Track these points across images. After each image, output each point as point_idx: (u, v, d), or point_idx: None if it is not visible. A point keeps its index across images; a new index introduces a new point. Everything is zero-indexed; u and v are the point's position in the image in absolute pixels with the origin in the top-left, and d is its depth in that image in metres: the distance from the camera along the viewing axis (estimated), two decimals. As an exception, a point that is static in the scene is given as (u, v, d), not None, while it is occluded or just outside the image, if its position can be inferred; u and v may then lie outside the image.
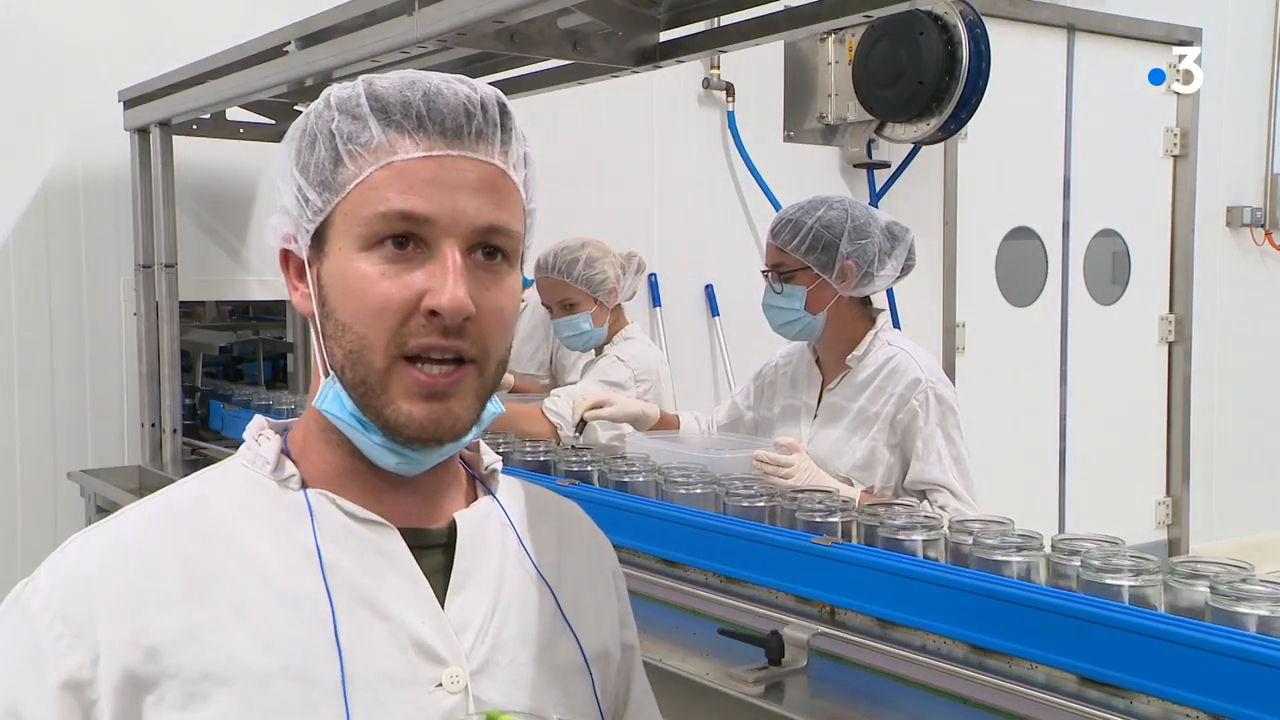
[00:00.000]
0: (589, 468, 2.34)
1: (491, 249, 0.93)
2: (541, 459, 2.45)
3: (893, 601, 1.63)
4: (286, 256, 0.99)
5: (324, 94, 0.96)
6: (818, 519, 1.85)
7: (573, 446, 2.67)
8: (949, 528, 1.73)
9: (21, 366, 3.61)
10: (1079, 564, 1.50)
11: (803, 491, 1.98)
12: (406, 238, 0.90)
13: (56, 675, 0.86)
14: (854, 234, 2.40)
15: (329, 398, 0.94)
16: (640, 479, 2.21)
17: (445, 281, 0.89)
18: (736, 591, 1.88)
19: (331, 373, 0.94)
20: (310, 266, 0.95)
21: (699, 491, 2.08)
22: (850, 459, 2.42)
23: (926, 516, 1.77)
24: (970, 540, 1.65)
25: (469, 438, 0.96)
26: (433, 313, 0.89)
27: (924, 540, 1.71)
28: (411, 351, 0.90)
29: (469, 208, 0.91)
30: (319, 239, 0.94)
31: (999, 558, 1.59)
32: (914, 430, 2.36)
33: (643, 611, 1.17)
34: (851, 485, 2.36)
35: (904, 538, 1.72)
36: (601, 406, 2.76)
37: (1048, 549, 1.59)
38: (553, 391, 3.15)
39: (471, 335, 0.91)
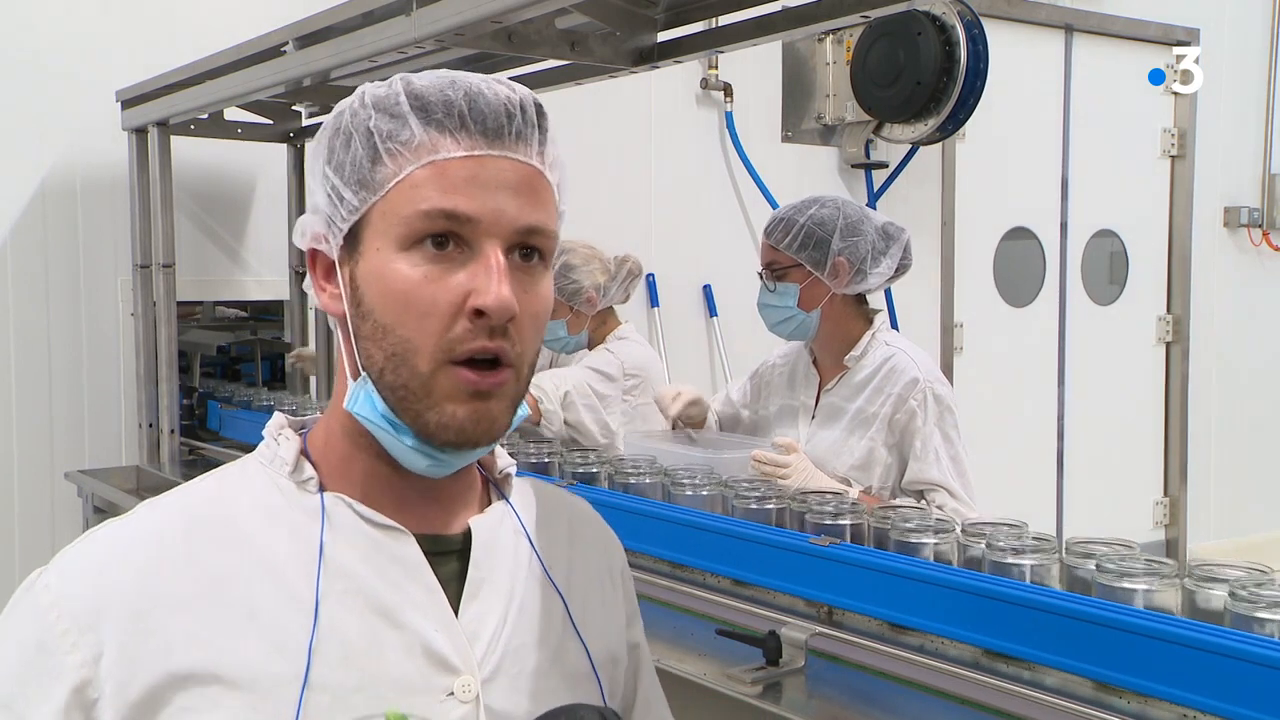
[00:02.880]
0: (594, 469, 2.34)
1: (529, 249, 0.92)
2: (545, 460, 2.46)
3: (890, 602, 1.63)
4: (314, 257, 0.97)
5: (358, 91, 0.95)
6: (827, 522, 1.85)
7: (577, 448, 2.67)
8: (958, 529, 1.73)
9: (19, 367, 3.61)
10: (1093, 567, 1.49)
11: (811, 493, 1.97)
12: (447, 237, 0.89)
13: (58, 672, 0.86)
14: (846, 231, 2.41)
15: (359, 399, 0.93)
16: (646, 480, 2.21)
17: (490, 281, 0.88)
18: (734, 592, 1.88)
19: (363, 374, 0.93)
20: (342, 267, 0.94)
21: (706, 493, 2.08)
22: (848, 459, 2.42)
23: (939, 520, 1.77)
24: (982, 544, 1.65)
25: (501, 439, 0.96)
26: (478, 313, 0.88)
27: (934, 543, 1.71)
28: (460, 357, 0.89)
29: (509, 208, 0.90)
30: (352, 239, 0.93)
31: (1008, 560, 1.59)
32: (912, 430, 2.37)
33: (641, 611, 1.17)
34: (850, 486, 2.36)
35: (914, 540, 1.71)
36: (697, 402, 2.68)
37: (1060, 551, 1.59)
38: (541, 372, 3.16)
39: (513, 337, 0.90)
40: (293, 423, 1.00)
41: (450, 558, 0.97)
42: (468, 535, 0.98)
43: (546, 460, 2.45)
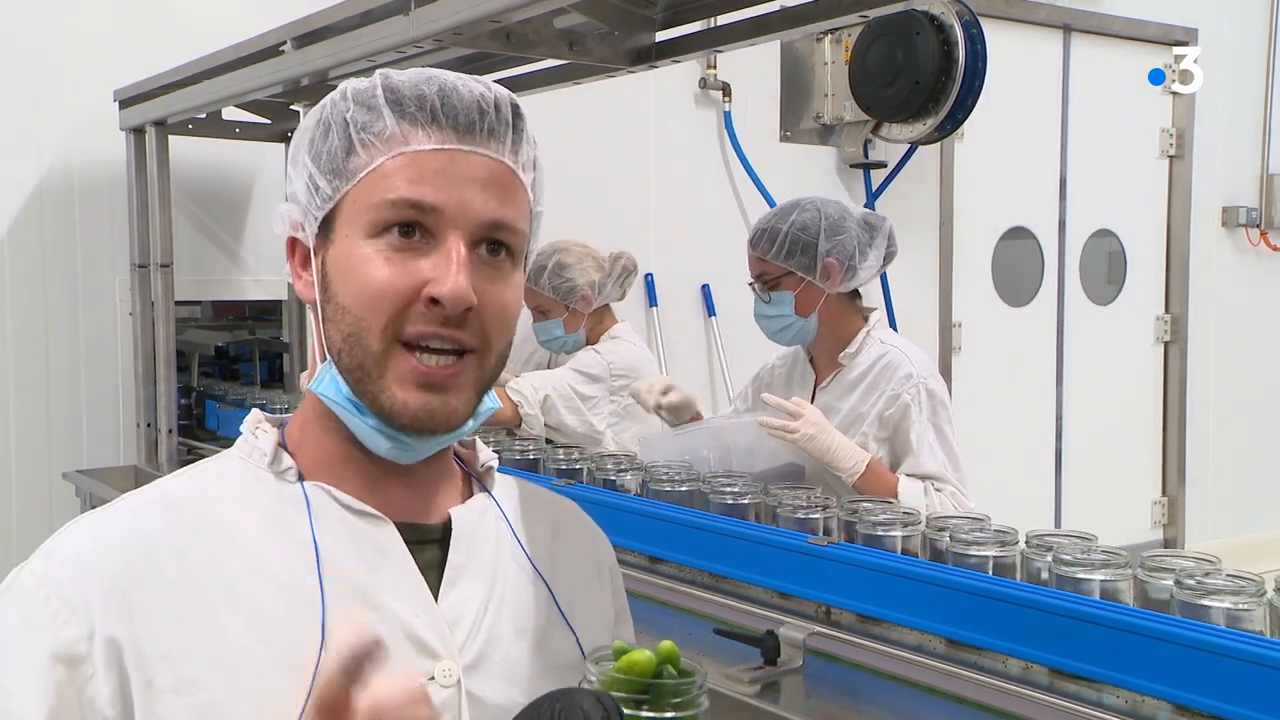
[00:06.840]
0: (578, 466, 2.35)
1: (496, 244, 0.94)
2: (531, 457, 2.46)
3: (888, 601, 1.63)
4: (293, 245, 1.00)
5: (341, 86, 0.98)
6: (729, 502, 1.96)
7: (551, 443, 2.68)
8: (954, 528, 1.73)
9: (17, 367, 3.60)
10: (1098, 567, 1.49)
11: (718, 476, 2.07)
12: (413, 226, 0.91)
13: (49, 647, 0.86)
14: (830, 231, 2.42)
15: (325, 381, 0.95)
16: (628, 477, 2.23)
17: (448, 271, 0.90)
18: (732, 591, 1.88)
19: (329, 357, 0.95)
20: (316, 254, 0.96)
21: (685, 490, 2.11)
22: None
23: (905, 513, 1.79)
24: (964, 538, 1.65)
25: (465, 430, 0.96)
26: (434, 301, 0.90)
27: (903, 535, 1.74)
28: (409, 337, 0.91)
29: (476, 201, 0.92)
30: (326, 227, 0.95)
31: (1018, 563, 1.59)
32: (906, 425, 2.38)
33: (638, 611, 1.17)
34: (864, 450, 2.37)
35: (883, 534, 1.74)
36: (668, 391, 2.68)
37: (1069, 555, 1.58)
38: (521, 375, 3.16)
39: (473, 327, 0.92)
40: (270, 418, 1.02)
41: (430, 546, 0.98)
42: (448, 525, 0.99)
43: (533, 458, 2.46)
